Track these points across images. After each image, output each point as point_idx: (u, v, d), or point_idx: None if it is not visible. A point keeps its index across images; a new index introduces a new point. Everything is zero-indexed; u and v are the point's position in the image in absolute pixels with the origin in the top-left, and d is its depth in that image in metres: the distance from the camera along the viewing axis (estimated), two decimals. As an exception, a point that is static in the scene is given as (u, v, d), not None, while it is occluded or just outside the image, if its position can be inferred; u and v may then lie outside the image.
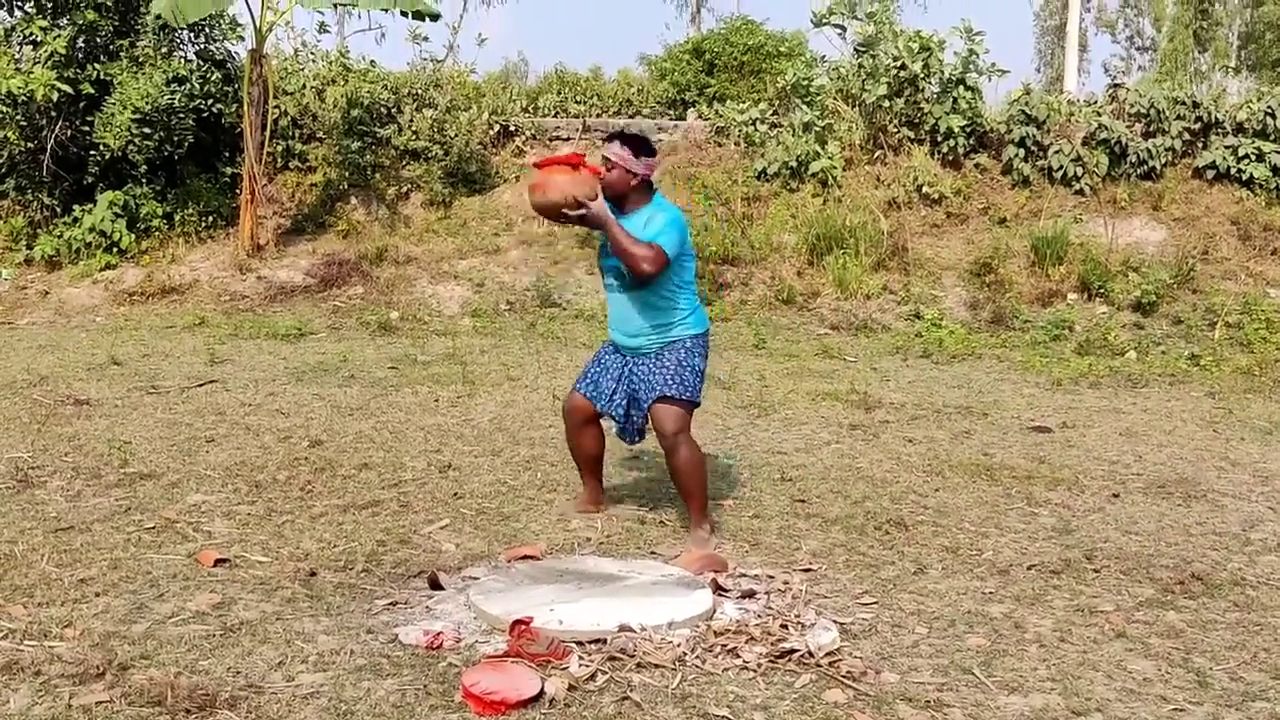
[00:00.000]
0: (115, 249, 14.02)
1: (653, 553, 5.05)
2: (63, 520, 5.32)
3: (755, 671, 3.77)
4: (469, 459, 6.66)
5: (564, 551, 5.04)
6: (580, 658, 3.82)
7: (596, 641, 3.95)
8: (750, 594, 4.46)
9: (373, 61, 16.78)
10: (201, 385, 8.85)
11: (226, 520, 5.41)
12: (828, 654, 3.87)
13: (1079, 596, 4.61)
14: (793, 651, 3.85)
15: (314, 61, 16.72)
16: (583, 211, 4.99)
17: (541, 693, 3.54)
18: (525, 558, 4.87)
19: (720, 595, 4.44)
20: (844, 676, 3.74)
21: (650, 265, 4.96)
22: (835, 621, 4.21)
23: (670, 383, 5.13)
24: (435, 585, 4.51)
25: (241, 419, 7.63)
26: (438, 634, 3.99)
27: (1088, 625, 4.30)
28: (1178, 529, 5.62)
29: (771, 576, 4.72)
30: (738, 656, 3.87)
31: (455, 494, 5.93)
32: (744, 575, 4.73)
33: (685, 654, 3.88)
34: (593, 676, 3.70)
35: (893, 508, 5.81)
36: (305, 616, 4.21)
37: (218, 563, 4.76)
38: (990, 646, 4.06)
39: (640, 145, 5.14)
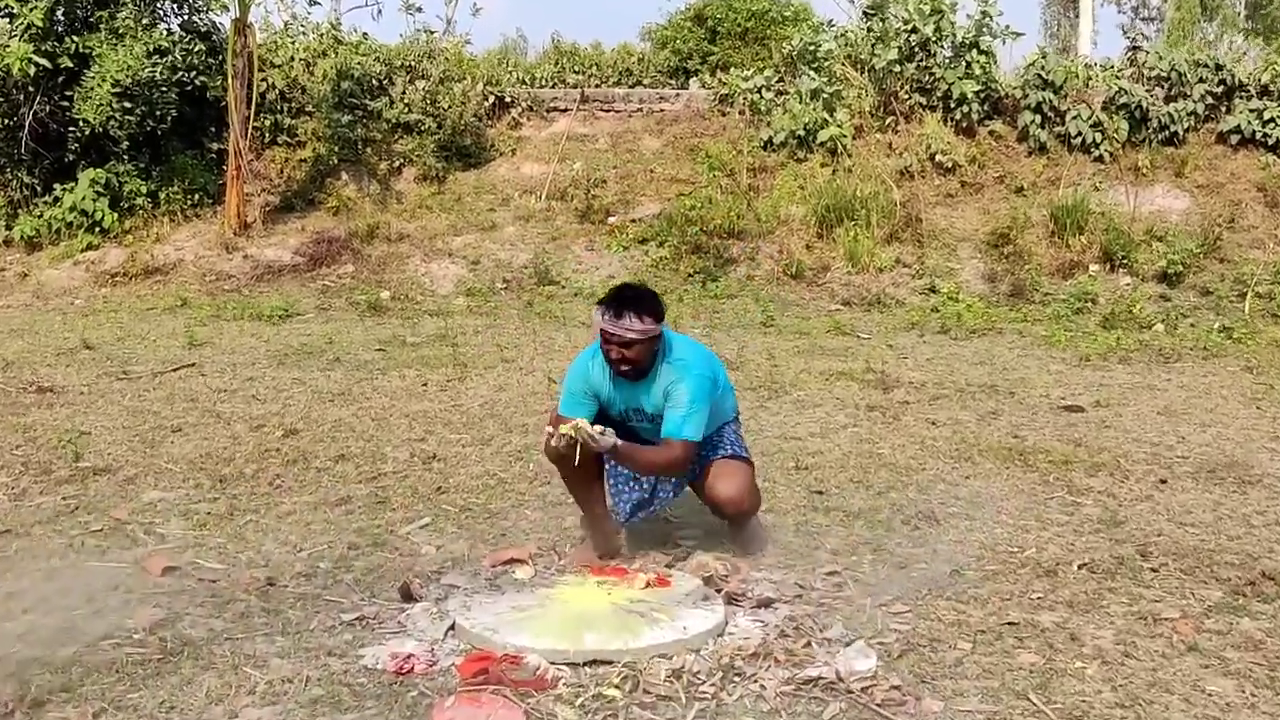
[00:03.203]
0: (97, 229, 13.47)
1: (654, 559, 4.50)
2: (1, 523, 4.79)
3: (775, 701, 3.24)
4: (455, 449, 6.12)
5: (554, 554, 4.50)
6: (571, 685, 3.29)
7: (591, 664, 3.42)
8: (767, 603, 3.93)
9: (365, 34, 16.21)
10: (176, 370, 8.33)
11: (183, 520, 4.88)
12: (859, 678, 3.33)
13: (1138, 601, 4.07)
14: (819, 679, 3.32)
15: (305, 35, 16.14)
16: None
17: (525, 730, 3.02)
18: (511, 561, 4.34)
19: (733, 605, 3.91)
20: (879, 705, 3.20)
21: (684, 468, 4.27)
22: (861, 636, 3.67)
23: (730, 444, 4.48)
24: (408, 596, 3.97)
25: (213, 406, 7.10)
26: (408, 657, 3.46)
27: (1153, 636, 3.76)
28: (1236, 519, 5.07)
29: (788, 578, 4.19)
30: (755, 682, 3.33)
31: (439, 488, 5.40)
32: (757, 579, 4.19)
33: (695, 679, 3.34)
34: (586, 708, 3.17)
35: (920, 499, 5.27)
36: (258, 635, 3.69)
37: (166, 571, 4.24)
38: (1045, 664, 3.52)
39: (656, 305, 4.19)
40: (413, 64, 15.34)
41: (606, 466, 4.46)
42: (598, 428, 4.09)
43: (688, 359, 4.29)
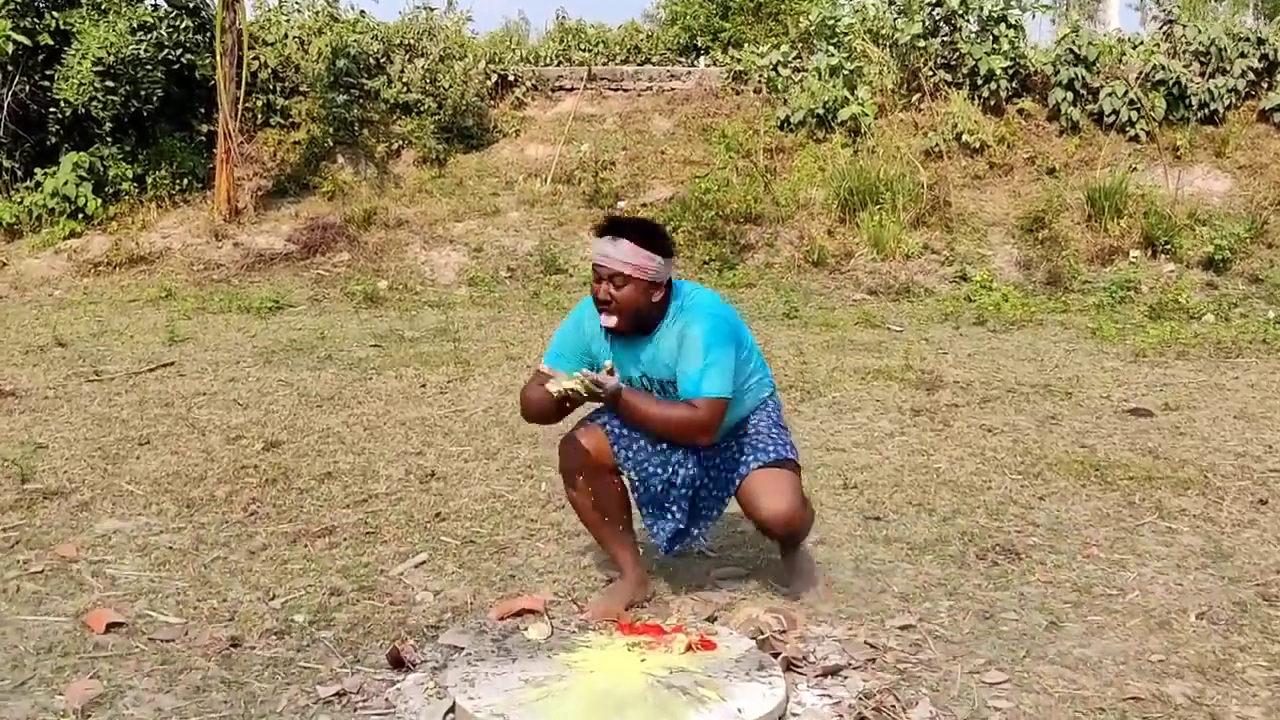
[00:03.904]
0: (80, 215, 12.73)
1: (692, 609, 3.81)
2: (-74, 562, 4.11)
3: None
4: (457, 464, 5.43)
5: (574, 601, 3.81)
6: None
7: (625, 762, 2.74)
8: (834, 670, 3.24)
9: (362, 11, 15.48)
10: (153, 370, 7.64)
11: (140, 558, 4.19)
12: (966, 786, 2.65)
13: (1278, 664, 3.38)
14: (921, 791, 2.64)
15: (299, 12, 15.42)
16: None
17: None
18: (523, 613, 3.64)
19: (793, 673, 3.22)
20: (995, 824, 2.53)
21: (707, 434, 3.56)
22: (955, 718, 2.98)
23: (772, 444, 3.76)
24: (398, 663, 3.29)
25: (188, 413, 6.41)
26: (396, 754, 2.79)
27: (1310, 714, 3.08)
28: (1360, 550, 4.38)
29: (855, 635, 3.50)
30: (834, 791, 2.66)
31: (437, 514, 4.71)
32: (818, 636, 3.50)
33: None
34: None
35: (993, 526, 4.58)
36: (214, 718, 3.00)
37: (111, 628, 3.55)
38: (1190, 759, 2.84)
39: (660, 238, 3.56)
40: (411, 42, 14.60)
41: (633, 495, 3.78)
42: (605, 367, 3.54)
43: (701, 301, 3.63)
